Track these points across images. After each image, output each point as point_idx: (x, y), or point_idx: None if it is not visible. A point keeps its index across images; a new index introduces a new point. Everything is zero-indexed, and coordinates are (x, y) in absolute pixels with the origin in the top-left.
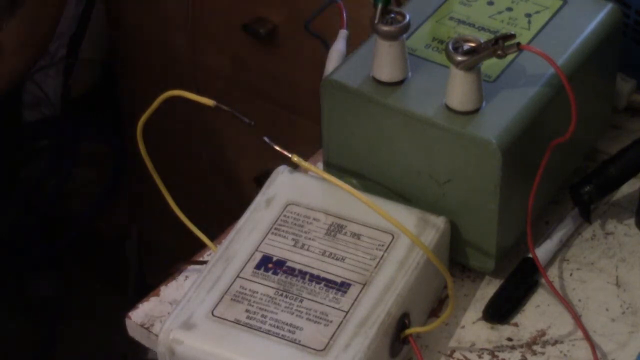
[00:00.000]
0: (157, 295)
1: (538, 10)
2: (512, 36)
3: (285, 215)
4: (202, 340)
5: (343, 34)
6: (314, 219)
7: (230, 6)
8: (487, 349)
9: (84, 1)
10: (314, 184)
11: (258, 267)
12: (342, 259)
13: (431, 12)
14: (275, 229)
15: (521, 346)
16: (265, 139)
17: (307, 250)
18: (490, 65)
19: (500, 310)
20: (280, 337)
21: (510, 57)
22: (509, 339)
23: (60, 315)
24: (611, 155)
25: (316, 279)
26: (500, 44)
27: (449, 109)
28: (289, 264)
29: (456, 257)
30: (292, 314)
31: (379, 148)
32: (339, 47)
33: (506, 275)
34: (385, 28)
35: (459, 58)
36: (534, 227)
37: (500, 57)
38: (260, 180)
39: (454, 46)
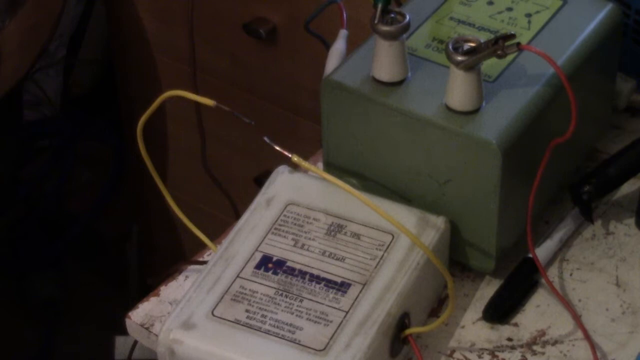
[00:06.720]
0: (157, 295)
1: (538, 10)
2: (512, 36)
3: (285, 215)
4: (202, 340)
5: (343, 34)
6: (314, 219)
7: (230, 6)
8: (487, 349)
9: (84, 1)
10: (314, 184)
11: (258, 267)
12: (342, 259)
13: (431, 12)
14: (275, 229)
15: (521, 346)
16: (265, 139)
17: (307, 250)
18: (490, 65)
19: (500, 310)
20: (280, 337)
21: (510, 57)
22: (509, 339)
23: (60, 315)
24: (611, 155)
25: (316, 279)
26: (500, 44)
27: (449, 109)
28: (289, 264)
29: (456, 257)
30: (292, 314)
31: (379, 148)
32: (339, 47)
33: (506, 275)
34: (385, 28)
35: (459, 58)
36: (534, 227)
37: (500, 57)
38: (260, 180)
39: (454, 46)
